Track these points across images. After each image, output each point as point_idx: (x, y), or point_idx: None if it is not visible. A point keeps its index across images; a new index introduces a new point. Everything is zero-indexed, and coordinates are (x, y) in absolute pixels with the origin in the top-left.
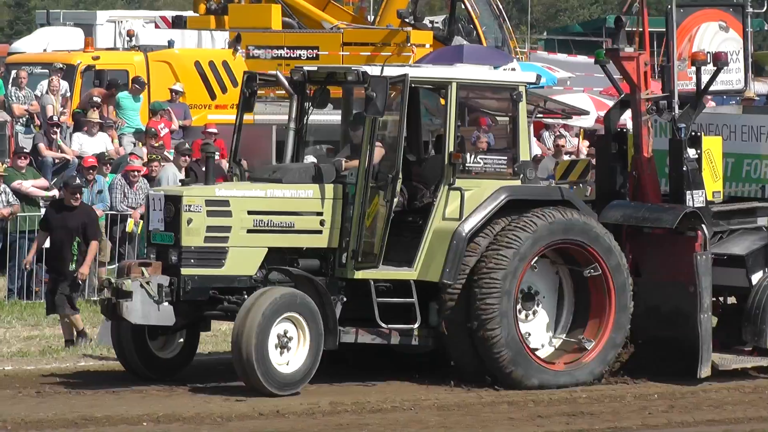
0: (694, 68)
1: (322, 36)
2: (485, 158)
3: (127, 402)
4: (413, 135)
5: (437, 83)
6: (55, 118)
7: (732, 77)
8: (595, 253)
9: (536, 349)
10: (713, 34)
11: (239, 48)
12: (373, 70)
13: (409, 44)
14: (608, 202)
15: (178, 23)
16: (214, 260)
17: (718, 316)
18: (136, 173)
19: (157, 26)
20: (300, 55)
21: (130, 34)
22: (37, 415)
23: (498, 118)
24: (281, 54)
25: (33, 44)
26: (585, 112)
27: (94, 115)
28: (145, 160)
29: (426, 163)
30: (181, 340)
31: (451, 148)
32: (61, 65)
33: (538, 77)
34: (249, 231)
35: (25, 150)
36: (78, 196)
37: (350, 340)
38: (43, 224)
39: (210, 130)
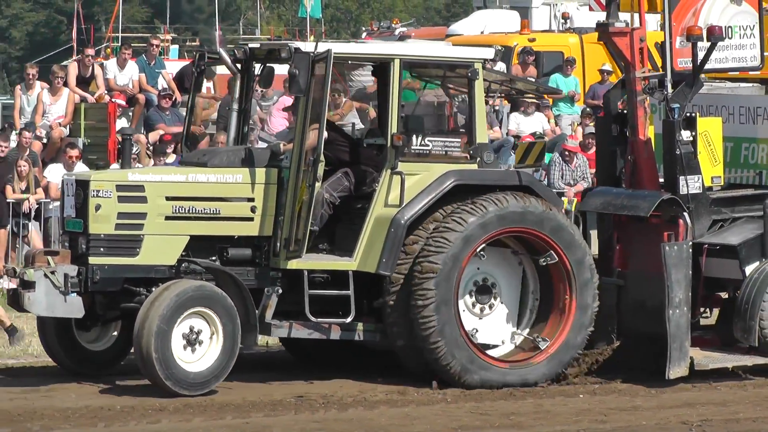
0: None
1: None
2: (435, 140)
3: None
4: (383, 117)
5: (377, 60)
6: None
7: (746, 54)
8: (552, 243)
9: (494, 346)
10: (723, 8)
11: None
12: (306, 46)
13: None
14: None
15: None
16: (126, 249)
17: (720, 310)
18: (567, 152)
19: (590, 9)
20: None
21: (565, 17)
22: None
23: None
24: None
25: (470, 26)
26: (558, 92)
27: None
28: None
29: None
30: (115, 333)
31: (394, 130)
32: (498, 47)
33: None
34: (168, 218)
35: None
36: None
37: (283, 334)
38: None
39: None
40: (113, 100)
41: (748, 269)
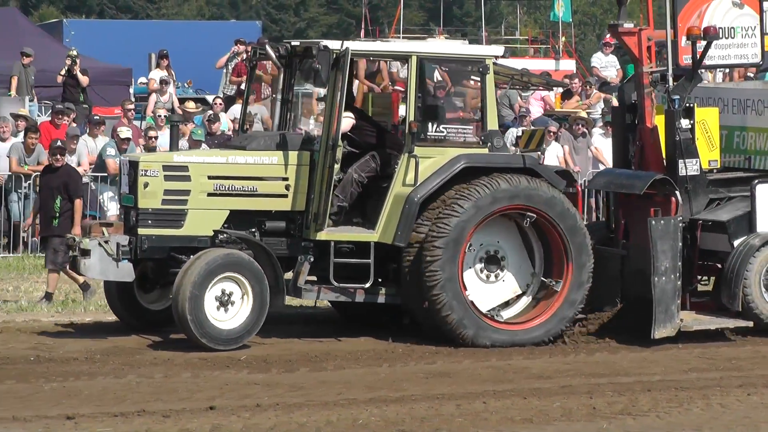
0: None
1: None
2: (449, 127)
3: None
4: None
5: (395, 57)
6: None
7: (747, 51)
8: (545, 214)
9: (503, 309)
10: (726, 11)
11: None
12: (332, 45)
13: None
14: None
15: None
16: (172, 221)
17: (715, 279)
18: None
19: None
20: None
21: None
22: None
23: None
24: None
25: None
26: (565, 84)
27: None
28: None
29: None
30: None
31: (412, 118)
32: None
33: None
34: (210, 194)
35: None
36: (59, 157)
37: (312, 297)
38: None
39: None
40: (395, 88)
41: (736, 242)
